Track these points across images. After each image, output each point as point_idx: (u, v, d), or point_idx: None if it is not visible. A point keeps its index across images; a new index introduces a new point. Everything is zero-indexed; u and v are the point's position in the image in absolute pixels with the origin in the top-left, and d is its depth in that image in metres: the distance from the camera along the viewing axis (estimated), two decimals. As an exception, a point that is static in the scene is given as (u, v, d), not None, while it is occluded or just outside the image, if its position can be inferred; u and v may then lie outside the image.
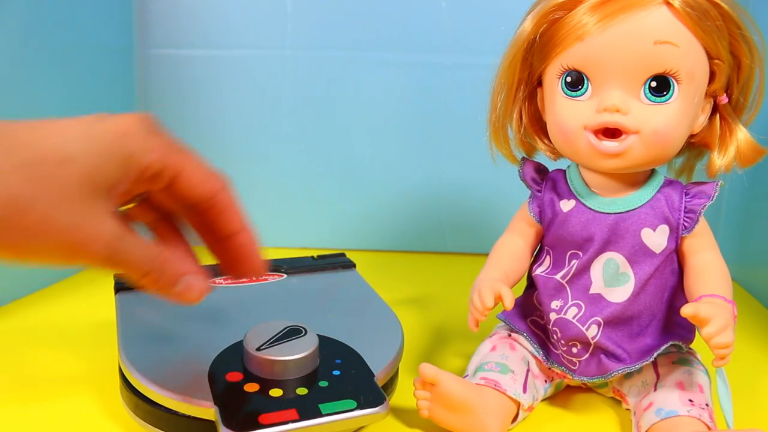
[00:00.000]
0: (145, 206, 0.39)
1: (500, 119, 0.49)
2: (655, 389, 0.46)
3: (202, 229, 0.41)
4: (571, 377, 0.49)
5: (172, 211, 0.40)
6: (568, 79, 0.44)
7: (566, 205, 0.47)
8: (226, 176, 0.39)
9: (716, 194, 0.45)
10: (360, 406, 0.40)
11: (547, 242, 0.49)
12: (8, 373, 0.52)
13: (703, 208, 0.45)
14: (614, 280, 0.46)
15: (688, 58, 0.42)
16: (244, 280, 0.57)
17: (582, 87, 0.43)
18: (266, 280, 0.57)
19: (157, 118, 0.37)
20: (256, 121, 0.84)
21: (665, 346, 0.46)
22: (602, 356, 0.47)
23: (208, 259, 0.40)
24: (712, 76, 0.44)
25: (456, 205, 0.85)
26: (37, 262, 0.32)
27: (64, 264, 0.33)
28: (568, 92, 0.44)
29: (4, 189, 0.30)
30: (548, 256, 0.49)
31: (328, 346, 0.45)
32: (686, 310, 0.40)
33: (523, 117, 0.49)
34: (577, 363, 0.48)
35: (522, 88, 0.48)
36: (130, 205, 0.39)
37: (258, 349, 0.42)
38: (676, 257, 0.47)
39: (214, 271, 0.56)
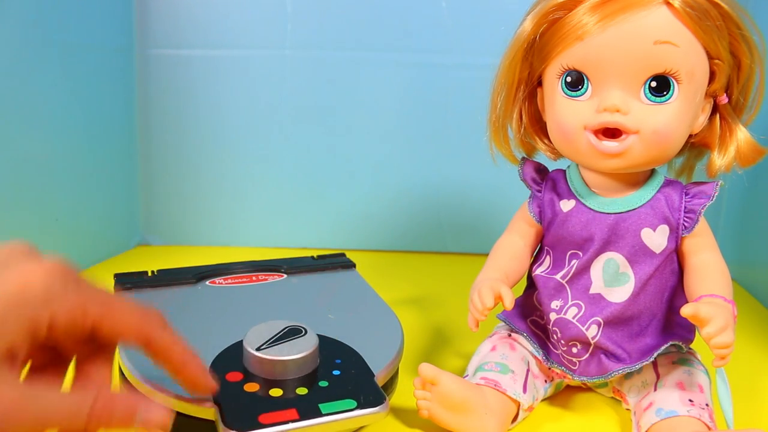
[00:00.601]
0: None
1: (500, 119, 0.49)
2: (655, 389, 0.46)
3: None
4: (571, 377, 0.49)
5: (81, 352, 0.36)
6: (568, 79, 0.44)
7: (566, 205, 0.47)
8: (157, 314, 0.36)
9: (716, 194, 0.45)
10: (360, 406, 0.40)
11: (547, 242, 0.49)
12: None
13: (703, 208, 0.45)
14: (614, 280, 0.46)
15: (688, 58, 0.42)
16: (244, 280, 0.57)
17: (582, 87, 0.43)
18: (266, 280, 0.57)
19: (70, 266, 0.33)
20: (256, 121, 0.84)
21: (665, 346, 0.46)
22: (602, 356, 0.47)
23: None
24: (712, 76, 0.44)
25: (456, 205, 0.85)
26: None
27: None
28: (568, 92, 0.44)
29: None
30: (548, 256, 0.49)
31: (328, 346, 0.45)
32: (686, 310, 0.40)
33: (523, 117, 0.49)
34: (577, 363, 0.48)
35: (522, 88, 0.48)
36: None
37: (258, 349, 0.42)
38: (676, 257, 0.47)
39: (211, 273, 0.57)
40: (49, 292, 0.31)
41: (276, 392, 0.40)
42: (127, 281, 0.54)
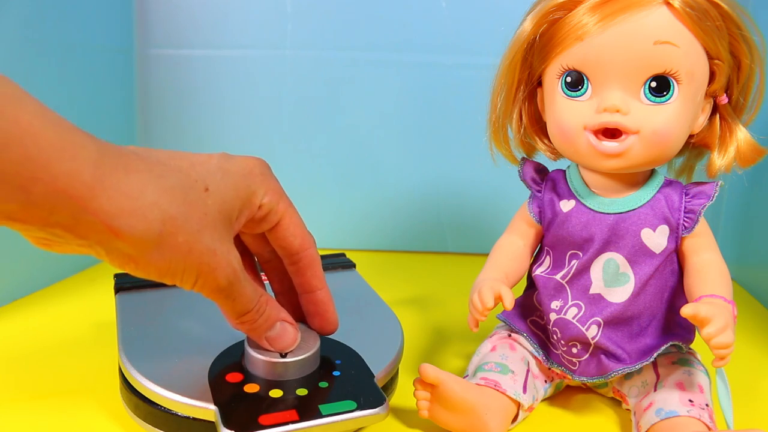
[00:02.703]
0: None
1: (500, 119, 0.49)
2: (655, 389, 0.46)
3: (278, 279, 0.45)
4: (571, 377, 0.49)
5: (257, 255, 0.44)
6: (568, 79, 0.44)
7: (566, 206, 0.47)
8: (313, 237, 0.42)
9: (716, 194, 0.45)
10: (360, 407, 0.40)
11: (547, 242, 0.49)
12: (8, 374, 0.52)
13: (703, 209, 0.45)
14: (614, 281, 0.46)
15: (688, 58, 0.42)
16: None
17: (582, 87, 0.43)
18: (266, 280, 0.57)
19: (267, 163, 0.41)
20: (256, 121, 0.84)
21: (665, 346, 0.46)
22: (602, 356, 0.47)
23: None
24: (712, 76, 0.44)
25: (456, 205, 0.85)
26: (164, 280, 0.34)
27: (180, 284, 0.35)
28: (568, 92, 0.44)
29: (166, 207, 0.32)
30: (548, 257, 0.49)
31: (328, 347, 0.45)
32: (686, 311, 0.40)
33: (523, 117, 0.49)
34: (577, 363, 0.48)
35: (522, 89, 0.48)
36: None
37: (258, 350, 0.42)
38: (676, 257, 0.47)
39: None
40: (263, 179, 0.39)
41: (276, 393, 0.41)
42: (127, 281, 0.54)
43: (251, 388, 0.41)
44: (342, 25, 0.80)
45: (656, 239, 0.45)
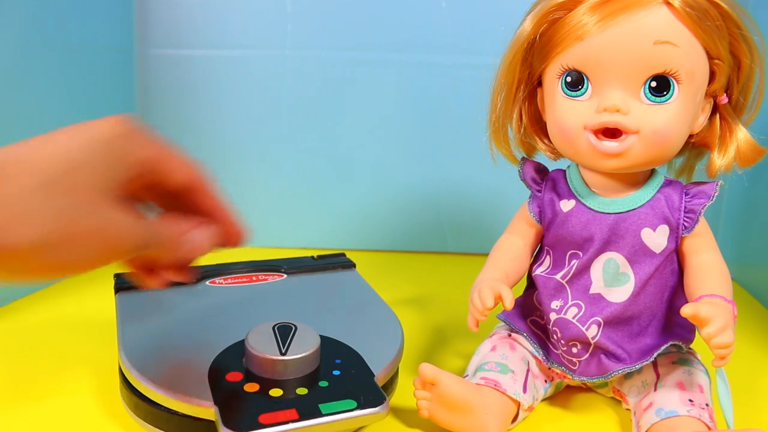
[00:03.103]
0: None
1: (500, 119, 0.49)
2: (655, 389, 0.46)
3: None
4: (571, 377, 0.49)
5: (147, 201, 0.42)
6: (568, 79, 0.44)
7: (566, 205, 0.47)
8: (199, 162, 0.41)
9: (716, 194, 0.45)
10: (360, 406, 0.40)
11: (547, 242, 0.49)
12: (8, 373, 0.52)
13: (703, 208, 0.45)
14: (614, 280, 0.46)
15: (688, 58, 0.42)
16: (244, 279, 0.57)
17: (582, 87, 0.43)
18: (266, 280, 0.57)
19: (134, 116, 0.38)
20: (256, 121, 0.84)
21: (665, 346, 0.46)
22: (602, 356, 0.47)
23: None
24: (712, 76, 0.44)
25: (456, 205, 0.85)
26: (78, 272, 0.33)
27: (102, 266, 0.34)
28: (568, 92, 0.44)
29: (35, 216, 0.31)
30: (548, 256, 0.49)
31: (328, 346, 0.45)
32: (686, 310, 0.40)
33: (523, 117, 0.49)
34: (577, 363, 0.48)
35: (522, 88, 0.48)
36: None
37: (258, 349, 0.42)
38: (676, 257, 0.47)
39: (211, 273, 0.57)
40: (135, 135, 0.36)
41: (276, 392, 0.41)
42: (127, 281, 0.54)
43: (251, 387, 0.41)
44: (342, 25, 0.80)
45: (656, 239, 0.45)
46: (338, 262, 0.62)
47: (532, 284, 0.51)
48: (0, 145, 0.33)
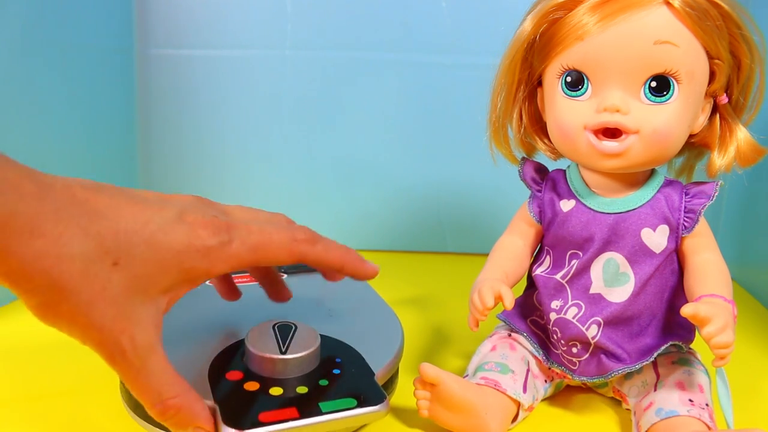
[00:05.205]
0: None
1: (500, 119, 0.49)
2: (655, 389, 0.46)
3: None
4: (571, 377, 0.49)
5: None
6: (568, 79, 0.44)
7: (566, 205, 0.47)
8: (303, 231, 0.42)
9: (716, 194, 0.45)
10: (360, 405, 0.40)
11: (547, 242, 0.49)
12: (8, 374, 0.52)
13: (703, 208, 0.45)
14: (614, 280, 0.46)
15: (688, 58, 0.42)
16: (244, 279, 0.57)
17: (582, 87, 0.43)
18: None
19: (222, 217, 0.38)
20: (256, 121, 0.84)
21: (665, 346, 0.46)
22: (602, 356, 0.47)
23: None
24: (712, 76, 0.44)
25: (456, 205, 0.85)
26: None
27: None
28: (568, 92, 0.44)
29: (56, 277, 0.31)
30: (548, 256, 0.49)
31: (328, 345, 0.45)
32: (686, 310, 0.40)
33: (523, 117, 0.49)
34: (577, 363, 0.48)
35: (522, 88, 0.48)
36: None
37: (258, 348, 0.42)
38: (676, 257, 0.47)
39: None
40: (208, 252, 0.36)
41: (276, 391, 0.41)
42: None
43: (251, 385, 0.41)
44: (342, 25, 0.80)
45: (656, 239, 0.45)
46: (338, 262, 0.62)
47: (532, 284, 0.51)
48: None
